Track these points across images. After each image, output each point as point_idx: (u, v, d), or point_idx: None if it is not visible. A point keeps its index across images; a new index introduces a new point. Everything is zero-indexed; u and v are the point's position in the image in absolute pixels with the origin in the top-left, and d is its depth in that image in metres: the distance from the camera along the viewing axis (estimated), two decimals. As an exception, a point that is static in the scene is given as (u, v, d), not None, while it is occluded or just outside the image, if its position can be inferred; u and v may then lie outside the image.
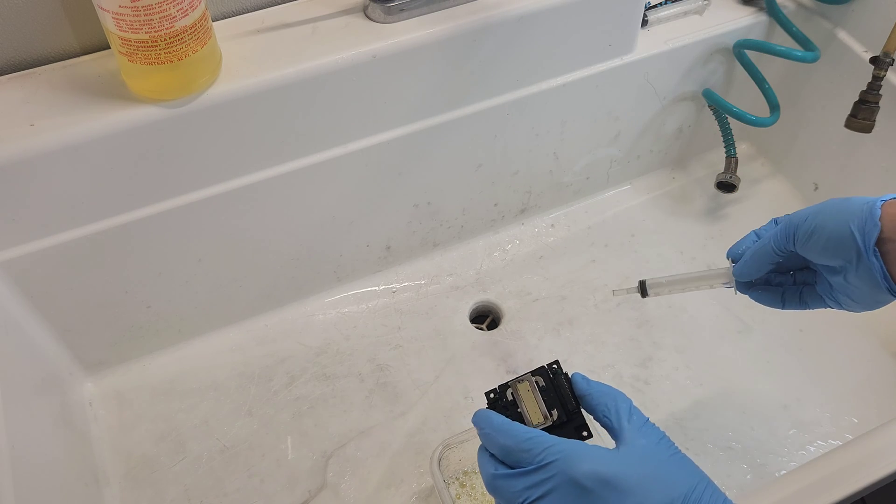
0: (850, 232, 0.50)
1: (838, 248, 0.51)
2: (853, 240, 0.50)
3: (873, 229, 0.49)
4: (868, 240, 0.49)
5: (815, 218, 0.53)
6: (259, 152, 0.72)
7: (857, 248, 0.50)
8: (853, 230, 0.50)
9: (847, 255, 0.51)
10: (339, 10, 0.73)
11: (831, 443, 0.79)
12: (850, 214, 0.51)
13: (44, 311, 0.73)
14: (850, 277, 0.52)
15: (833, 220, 0.51)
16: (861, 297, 0.53)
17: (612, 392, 0.49)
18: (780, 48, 0.85)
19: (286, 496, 0.75)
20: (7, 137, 0.61)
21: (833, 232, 0.51)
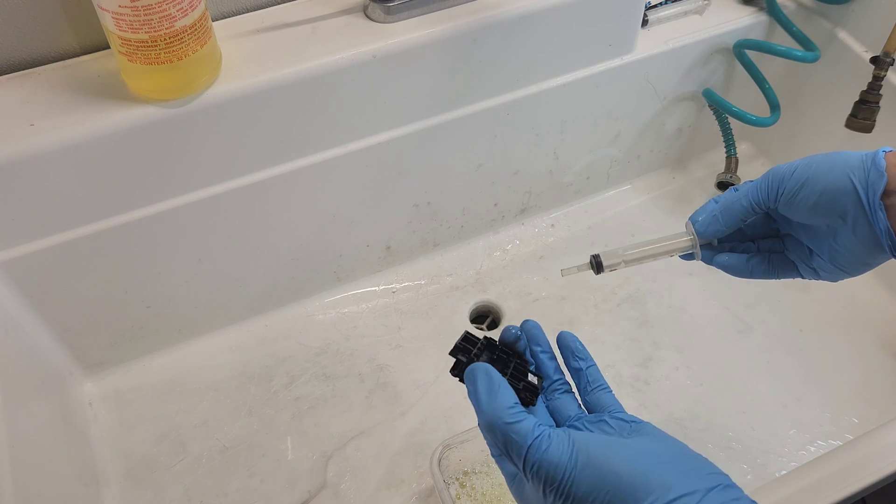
0: (850, 184, 0.45)
1: (833, 203, 0.46)
2: (853, 193, 0.45)
3: (879, 180, 0.45)
4: (873, 192, 0.45)
5: (807, 170, 0.47)
6: (259, 152, 0.72)
7: (857, 202, 0.45)
8: (854, 182, 0.45)
9: (842, 212, 0.46)
10: (339, 10, 0.73)
11: (831, 443, 0.79)
12: (848, 166, 0.46)
13: (43, 311, 0.73)
14: (841, 238, 0.48)
15: (828, 171, 0.47)
16: (850, 260, 0.49)
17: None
18: (780, 48, 0.85)
19: (286, 496, 0.75)
20: (7, 137, 0.61)
21: (829, 185, 0.46)
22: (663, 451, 0.41)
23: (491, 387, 0.43)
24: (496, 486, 0.73)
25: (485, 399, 0.42)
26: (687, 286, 0.93)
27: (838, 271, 0.50)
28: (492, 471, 0.74)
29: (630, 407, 0.81)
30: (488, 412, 0.42)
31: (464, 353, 0.48)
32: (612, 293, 0.92)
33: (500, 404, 0.42)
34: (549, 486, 0.40)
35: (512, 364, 0.48)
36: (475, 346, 0.49)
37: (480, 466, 0.74)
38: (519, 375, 0.47)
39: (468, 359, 0.47)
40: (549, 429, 0.41)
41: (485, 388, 0.43)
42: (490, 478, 0.74)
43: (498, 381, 0.43)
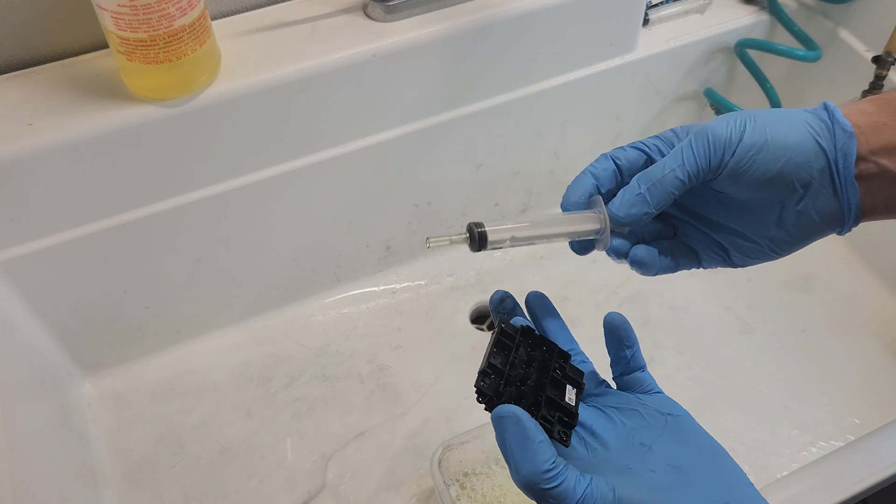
0: (817, 148, 0.38)
1: (796, 172, 0.38)
2: (822, 159, 0.38)
3: (849, 142, 0.38)
4: (844, 158, 0.38)
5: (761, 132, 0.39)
6: (258, 152, 0.72)
7: (825, 170, 0.38)
8: (822, 145, 0.38)
9: (804, 182, 0.39)
10: (339, 9, 0.72)
11: (833, 444, 0.78)
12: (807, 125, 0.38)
13: (42, 311, 0.73)
14: (788, 215, 0.40)
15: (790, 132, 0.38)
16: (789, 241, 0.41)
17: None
18: (781, 47, 0.85)
19: (285, 497, 0.75)
20: (6, 137, 0.61)
21: (794, 149, 0.38)
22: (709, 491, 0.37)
23: (525, 443, 0.37)
24: (496, 487, 0.73)
25: (519, 459, 0.37)
26: (688, 286, 0.92)
27: (764, 254, 0.42)
28: (492, 472, 0.74)
29: (631, 408, 0.81)
30: (524, 475, 0.37)
31: (494, 375, 0.40)
32: (613, 293, 0.92)
33: (537, 466, 0.36)
34: None
35: (551, 370, 0.42)
36: (509, 350, 0.42)
37: (481, 468, 0.74)
38: (555, 397, 0.41)
39: (496, 390, 0.40)
40: (589, 487, 0.37)
41: (517, 444, 0.37)
42: (490, 479, 0.73)
43: (532, 436, 0.37)
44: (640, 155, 0.44)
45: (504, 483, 0.73)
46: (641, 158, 0.44)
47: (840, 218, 0.39)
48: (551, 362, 0.43)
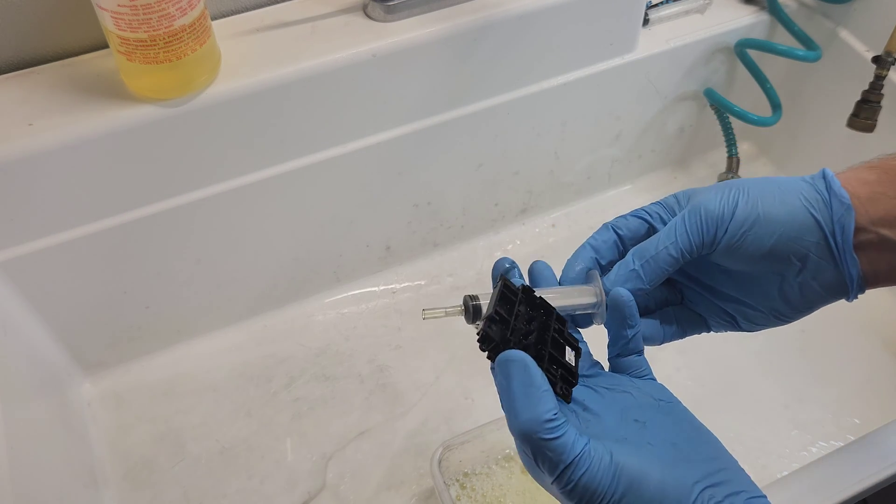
0: (811, 221, 0.38)
1: (791, 247, 0.39)
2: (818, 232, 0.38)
3: (847, 215, 0.38)
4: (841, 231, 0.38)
5: (753, 206, 0.39)
6: (258, 152, 0.72)
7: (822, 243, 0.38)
8: (817, 218, 0.38)
9: (801, 256, 0.39)
10: (339, 9, 0.72)
11: (833, 443, 0.78)
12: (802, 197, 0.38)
13: (42, 311, 0.73)
14: (790, 286, 0.41)
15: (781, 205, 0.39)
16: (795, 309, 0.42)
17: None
18: (781, 47, 0.85)
19: (285, 497, 0.75)
20: (5, 137, 0.61)
21: (786, 224, 0.39)
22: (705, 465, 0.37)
23: (529, 390, 0.36)
24: (497, 487, 0.73)
25: (521, 405, 0.36)
26: (688, 286, 0.92)
27: (771, 322, 0.43)
28: (492, 472, 0.74)
29: (631, 407, 0.81)
30: (523, 422, 0.36)
31: (500, 324, 0.40)
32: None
33: (538, 414, 0.36)
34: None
35: (551, 329, 0.41)
36: (513, 304, 0.41)
37: (481, 468, 0.74)
38: (557, 355, 0.40)
39: (503, 336, 0.39)
40: (587, 445, 0.36)
41: (521, 389, 0.36)
42: (491, 479, 0.73)
43: (538, 383, 0.36)
44: (641, 224, 0.45)
45: (504, 483, 0.73)
46: (643, 227, 0.45)
47: (843, 288, 0.39)
48: (551, 323, 0.42)
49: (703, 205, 0.40)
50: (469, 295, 0.42)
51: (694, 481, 0.36)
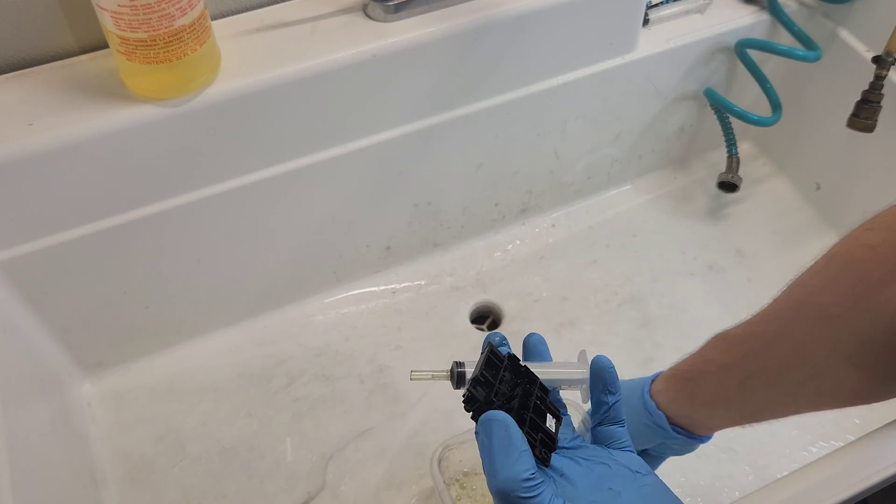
0: (647, 426, 0.56)
1: (650, 437, 0.57)
2: (656, 430, 0.56)
3: (661, 419, 0.55)
4: (664, 425, 0.55)
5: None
6: (258, 152, 0.72)
7: (661, 433, 0.56)
8: (649, 424, 0.56)
9: (658, 439, 0.57)
10: (339, 9, 0.72)
11: (833, 444, 0.78)
12: (637, 413, 0.57)
13: (42, 311, 0.73)
14: (670, 446, 0.58)
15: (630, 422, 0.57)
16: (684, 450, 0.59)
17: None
18: (781, 47, 0.85)
19: (285, 497, 0.75)
20: (5, 137, 0.61)
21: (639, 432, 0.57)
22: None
23: (509, 450, 0.39)
24: None
25: (500, 464, 0.38)
26: (688, 287, 0.92)
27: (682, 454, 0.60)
28: None
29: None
30: (502, 480, 0.38)
31: (484, 386, 0.42)
32: (614, 293, 0.92)
33: (517, 474, 0.38)
34: None
35: (534, 396, 0.44)
36: (498, 370, 0.44)
37: (481, 467, 0.74)
38: (538, 420, 0.43)
39: (486, 397, 0.42)
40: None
41: (502, 449, 0.39)
42: None
43: (517, 444, 0.39)
44: None
45: None
46: None
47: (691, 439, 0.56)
48: (534, 391, 0.44)
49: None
50: (456, 361, 0.46)
51: None
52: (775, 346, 0.48)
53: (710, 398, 0.53)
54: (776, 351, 0.48)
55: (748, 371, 0.49)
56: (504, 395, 0.43)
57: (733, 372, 0.50)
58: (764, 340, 0.49)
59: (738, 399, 0.51)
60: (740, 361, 0.50)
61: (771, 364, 0.48)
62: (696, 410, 0.54)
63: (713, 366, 0.52)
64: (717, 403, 0.53)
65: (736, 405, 0.52)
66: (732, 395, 0.51)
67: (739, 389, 0.50)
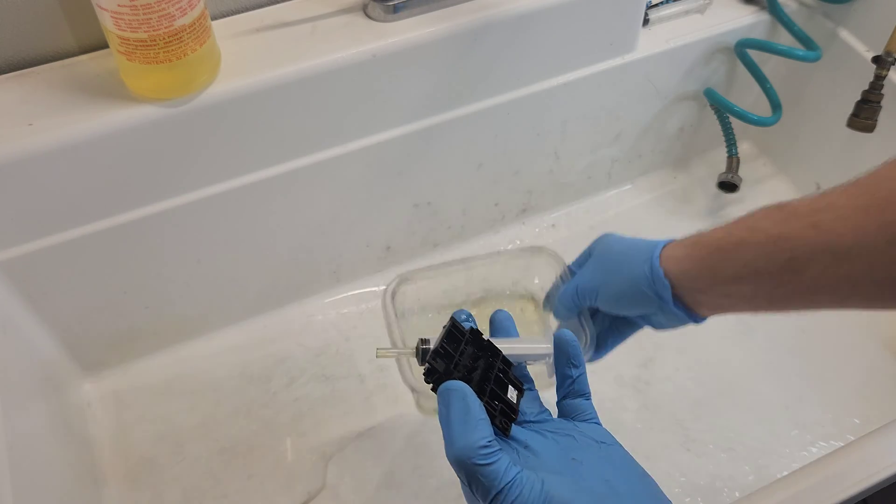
0: (649, 295, 0.53)
1: (642, 308, 0.54)
2: (656, 300, 0.53)
3: (665, 290, 0.52)
4: (665, 296, 0.52)
5: (606, 285, 0.56)
6: (258, 152, 0.72)
7: (659, 304, 0.53)
8: (648, 292, 0.53)
9: (651, 309, 0.54)
10: (339, 9, 0.72)
11: (833, 444, 0.78)
12: (636, 277, 0.53)
13: (42, 311, 0.73)
14: (657, 318, 0.56)
15: (624, 284, 0.54)
16: (669, 325, 0.56)
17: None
18: (781, 47, 0.85)
19: (285, 497, 0.75)
20: (5, 137, 0.61)
21: (632, 296, 0.54)
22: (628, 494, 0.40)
23: (466, 417, 0.39)
24: None
25: (457, 432, 0.39)
26: (688, 286, 0.92)
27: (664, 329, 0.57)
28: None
29: (631, 408, 0.81)
30: (459, 448, 0.39)
31: (444, 358, 0.43)
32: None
33: (473, 441, 0.38)
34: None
35: (496, 368, 0.45)
36: (459, 343, 0.44)
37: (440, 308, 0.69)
38: (499, 391, 0.43)
39: (446, 368, 0.43)
40: (520, 473, 0.39)
41: (459, 417, 0.40)
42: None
43: (475, 412, 0.40)
44: None
45: None
46: None
47: (683, 321, 0.54)
48: (496, 364, 0.45)
49: (579, 283, 0.58)
50: (421, 338, 0.46)
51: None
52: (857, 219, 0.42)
53: (743, 271, 0.48)
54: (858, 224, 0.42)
55: (809, 246, 0.44)
56: (465, 367, 0.43)
57: (787, 244, 0.45)
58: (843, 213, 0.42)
59: (779, 277, 0.46)
60: (800, 233, 0.44)
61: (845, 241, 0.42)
62: (715, 285, 0.50)
63: (760, 234, 0.46)
64: (747, 280, 0.48)
65: (772, 284, 0.47)
66: (775, 272, 0.46)
67: (787, 266, 0.45)
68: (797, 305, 0.49)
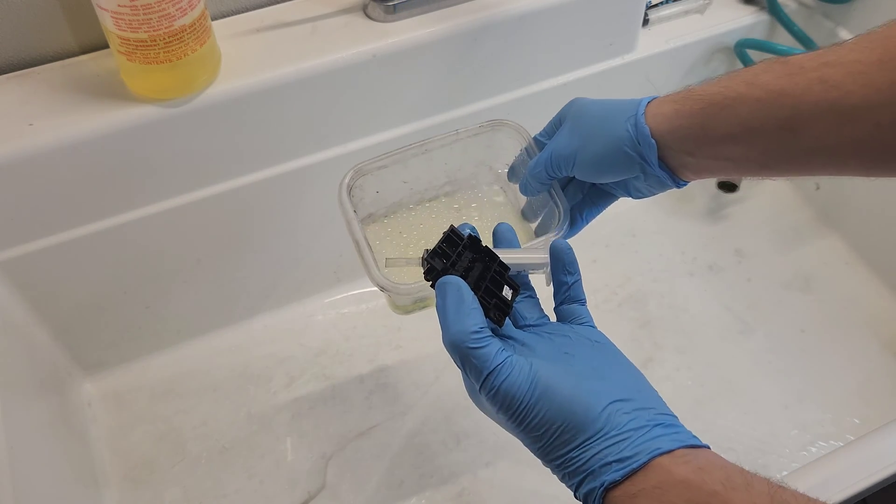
0: (627, 156, 0.49)
1: (623, 171, 0.50)
2: (638, 162, 0.49)
3: (650, 150, 0.48)
4: (651, 158, 0.48)
5: (584, 149, 0.51)
6: (258, 152, 0.72)
7: (642, 166, 0.49)
8: (631, 154, 0.49)
9: (633, 173, 0.50)
10: (339, 9, 0.72)
11: (833, 443, 0.78)
12: (617, 138, 0.49)
13: (42, 311, 0.73)
14: (636, 184, 0.52)
15: (604, 146, 0.50)
16: (648, 192, 0.53)
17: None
18: (781, 47, 0.85)
19: (285, 497, 0.75)
20: (6, 137, 0.61)
21: (614, 160, 0.50)
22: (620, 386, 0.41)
23: (460, 306, 0.42)
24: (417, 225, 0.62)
25: (452, 319, 0.42)
26: (688, 286, 0.92)
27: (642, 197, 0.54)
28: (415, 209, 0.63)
29: (631, 407, 0.81)
30: (453, 333, 0.41)
31: (442, 258, 0.46)
32: (613, 293, 0.92)
33: (466, 327, 0.41)
34: (505, 410, 0.41)
35: (492, 270, 0.46)
36: (457, 246, 0.46)
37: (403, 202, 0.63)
38: (494, 288, 0.45)
39: (443, 266, 0.45)
40: (511, 356, 0.41)
41: (454, 306, 0.42)
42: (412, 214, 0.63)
43: (468, 302, 0.42)
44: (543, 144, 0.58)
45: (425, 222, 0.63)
46: None
47: (666, 185, 0.51)
48: (492, 266, 0.47)
49: (556, 150, 0.53)
50: (427, 249, 0.47)
51: (606, 393, 0.40)
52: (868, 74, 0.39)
53: (737, 129, 0.45)
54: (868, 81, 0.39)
55: (812, 103, 0.41)
56: (462, 268, 0.46)
57: (788, 101, 0.42)
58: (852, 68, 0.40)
59: (776, 136, 0.43)
60: (804, 89, 0.42)
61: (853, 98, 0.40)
62: (705, 145, 0.47)
63: (759, 90, 0.44)
64: (741, 139, 0.45)
65: (768, 144, 0.44)
66: (772, 130, 0.43)
67: (786, 124, 0.42)
68: (792, 169, 0.45)
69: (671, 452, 0.38)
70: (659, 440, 0.39)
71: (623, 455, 0.38)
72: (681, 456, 0.38)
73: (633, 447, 0.38)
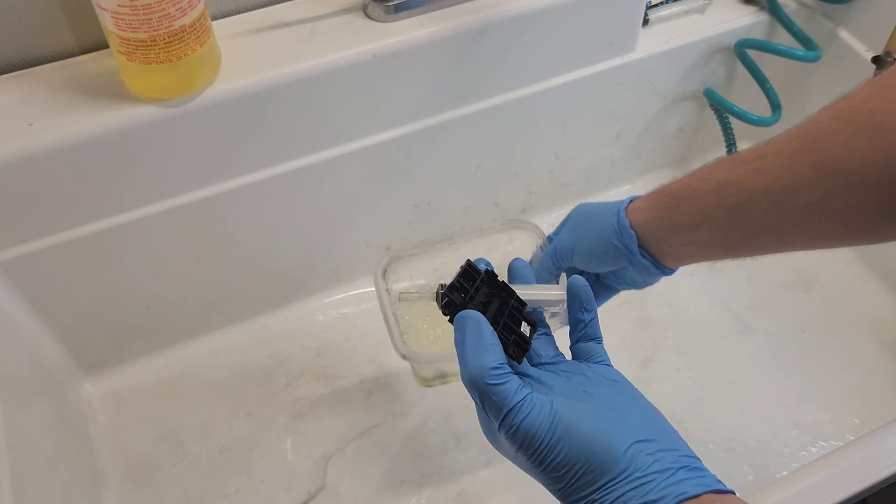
0: (618, 248, 0.56)
1: (613, 262, 0.57)
2: (624, 253, 0.55)
3: (631, 240, 0.55)
4: (632, 247, 0.55)
5: (580, 242, 0.59)
6: (258, 152, 0.72)
7: (626, 256, 0.56)
8: (617, 244, 0.56)
9: (622, 263, 0.57)
10: (339, 9, 0.72)
11: (833, 443, 0.78)
12: (605, 232, 0.56)
13: (42, 311, 0.73)
14: (629, 274, 0.58)
15: (596, 239, 0.57)
16: (642, 282, 0.59)
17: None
18: (781, 47, 0.85)
19: (286, 497, 0.75)
20: (5, 137, 0.61)
21: (604, 250, 0.57)
22: (642, 426, 0.41)
23: (479, 342, 0.42)
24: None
25: (471, 354, 0.42)
26: (688, 286, 0.92)
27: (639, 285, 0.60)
28: None
29: (631, 407, 0.81)
30: (472, 369, 0.41)
31: (460, 291, 0.45)
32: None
33: (486, 363, 0.41)
34: (525, 449, 0.40)
35: (509, 306, 0.46)
36: (474, 281, 0.46)
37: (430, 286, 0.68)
38: (512, 324, 0.45)
39: (462, 301, 0.45)
40: (531, 394, 0.41)
41: (473, 341, 0.42)
42: None
43: (488, 337, 0.42)
44: None
45: None
46: None
47: (655, 274, 0.57)
48: (510, 302, 0.47)
49: (558, 244, 0.61)
50: (441, 283, 0.47)
51: (628, 434, 0.40)
52: (792, 160, 0.45)
53: (696, 218, 0.51)
54: (793, 166, 0.45)
55: (751, 191, 0.47)
56: (480, 302, 0.46)
57: (732, 190, 0.48)
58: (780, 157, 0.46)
59: (728, 222, 0.49)
60: (743, 179, 0.48)
61: (781, 182, 0.45)
62: (675, 233, 0.53)
63: (710, 183, 0.50)
64: (701, 226, 0.51)
65: (723, 229, 0.50)
66: (724, 217, 0.49)
67: (733, 211, 0.48)
68: (748, 250, 0.51)
69: (697, 497, 0.37)
70: (684, 484, 0.38)
71: (648, 499, 0.38)
72: (708, 502, 0.38)
73: (658, 490, 0.38)
